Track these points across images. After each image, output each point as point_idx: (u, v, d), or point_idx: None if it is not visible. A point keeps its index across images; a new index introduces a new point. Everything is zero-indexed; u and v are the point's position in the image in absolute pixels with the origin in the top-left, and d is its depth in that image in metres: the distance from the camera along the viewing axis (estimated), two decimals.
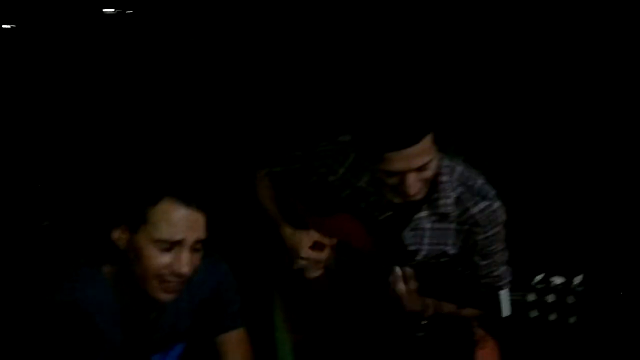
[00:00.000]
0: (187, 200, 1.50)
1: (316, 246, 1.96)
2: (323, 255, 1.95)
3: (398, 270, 1.70)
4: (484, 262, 1.86)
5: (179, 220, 1.49)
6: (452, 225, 1.84)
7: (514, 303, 1.53)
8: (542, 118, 2.71)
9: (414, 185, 1.68)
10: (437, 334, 1.93)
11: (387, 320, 1.93)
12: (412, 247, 1.87)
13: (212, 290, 1.72)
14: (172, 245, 1.49)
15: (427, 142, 1.64)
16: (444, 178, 1.81)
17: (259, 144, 2.71)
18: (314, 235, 1.97)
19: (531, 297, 1.50)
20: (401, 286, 1.69)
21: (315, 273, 1.97)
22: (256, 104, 2.98)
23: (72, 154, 2.75)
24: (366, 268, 1.86)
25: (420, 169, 1.67)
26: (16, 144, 2.74)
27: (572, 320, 1.47)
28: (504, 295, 1.53)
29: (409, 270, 1.70)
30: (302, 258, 1.96)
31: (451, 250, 1.87)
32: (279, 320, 2.21)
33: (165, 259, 1.50)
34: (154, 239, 1.49)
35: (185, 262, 1.50)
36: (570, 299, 1.46)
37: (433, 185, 1.80)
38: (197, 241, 1.53)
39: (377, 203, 1.88)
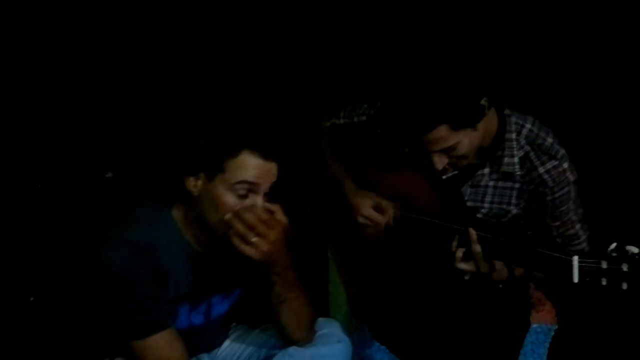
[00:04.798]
0: (264, 152, 1.56)
1: (378, 209, 1.95)
2: (383, 218, 1.94)
3: (473, 231, 1.67)
4: (556, 223, 1.82)
5: (255, 168, 1.56)
6: (517, 185, 1.81)
7: (586, 269, 1.50)
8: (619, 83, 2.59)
9: (439, 162, 1.69)
10: (494, 295, 1.93)
11: (443, 279, 1.93)
12: (471, 204, 1.84)
13: None
14: (247, 192, 1.56)
15: (440, 132, 1.62)
16: (511, 136, 1.77)
17: (323, 96, 2.67)
18: (376, 197, 1.95)
19: (604, 264, 1.48)
20: (476, 247, 1.67)
21: (373, 232, 1.97)
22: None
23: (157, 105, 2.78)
24: (427, 226, 1.85)
25: (445, 150, 1.66)
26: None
27: None
28: (576, 261, 1.51)
29: (473, 232, 1.68)
30: (363, 216, 1.94)
31: (514, 210, 1.83)
32: (333, 274, 2.22)
33: (241, 205, 1.56)
34: (231, 184, 1.55)
35: (260, 206, 1.57)
36: None
37: (498, 142, 1.77)
38: (270, 185, 1.60)
39: None
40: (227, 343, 1.90)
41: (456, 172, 1.84)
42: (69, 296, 2.33)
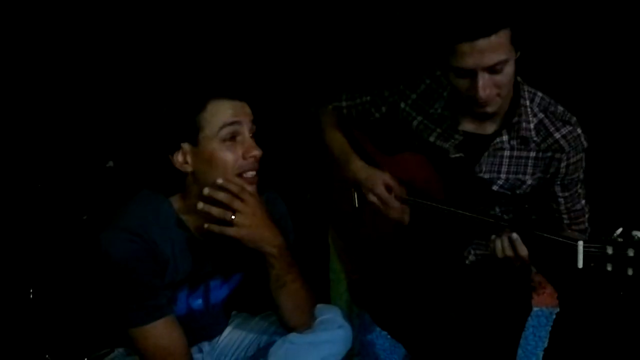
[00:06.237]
0: (229, 94, 1.61)
1: (388, 188, 1.90)
2: (393, 200, 1.89)
3: (516, 236, 1.63)
4: (566, 194, 1.84)
5: (228, 109, 1.59)
6: (532, 154, 1.82)
7: (591, 255, 1.49)
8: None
9: (486, 86, 1.64)
10: (495, 279, 1.92)
11: (445, 263, 1.93)
12: (488, 176, 1.84)
13: (275, 221, 1.72)
14: (234, 135, 1.59)
15: (502, 36, 1.60)
16: (525, 102, 1.79)
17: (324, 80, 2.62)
18: (386, 176, 1.90)
19: (610, 250, 1.47)
20: (523, 249, 1.63)
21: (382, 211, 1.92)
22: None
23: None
24: (432, 211, 1.83)
25: (493, 70, 1.63)
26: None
27: None
28: (581, 246, 1.50)
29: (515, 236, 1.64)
30: (374, 193, 1.89)
31: (529, 180, 1.84)
32: (334, 261, 2.21)
33: (236, 152, 1.59)
34: (215, 134, 1.57)
35: (251, 143, 1.60)
36: None
37: (514, 108, 1.78)
38: (252, 124, 1.63)
39: (450, 131, 1.84)
40: (227, 331, 1.89)
41: (461, 154, 1.83)
42: (70, 286, 2.32)
